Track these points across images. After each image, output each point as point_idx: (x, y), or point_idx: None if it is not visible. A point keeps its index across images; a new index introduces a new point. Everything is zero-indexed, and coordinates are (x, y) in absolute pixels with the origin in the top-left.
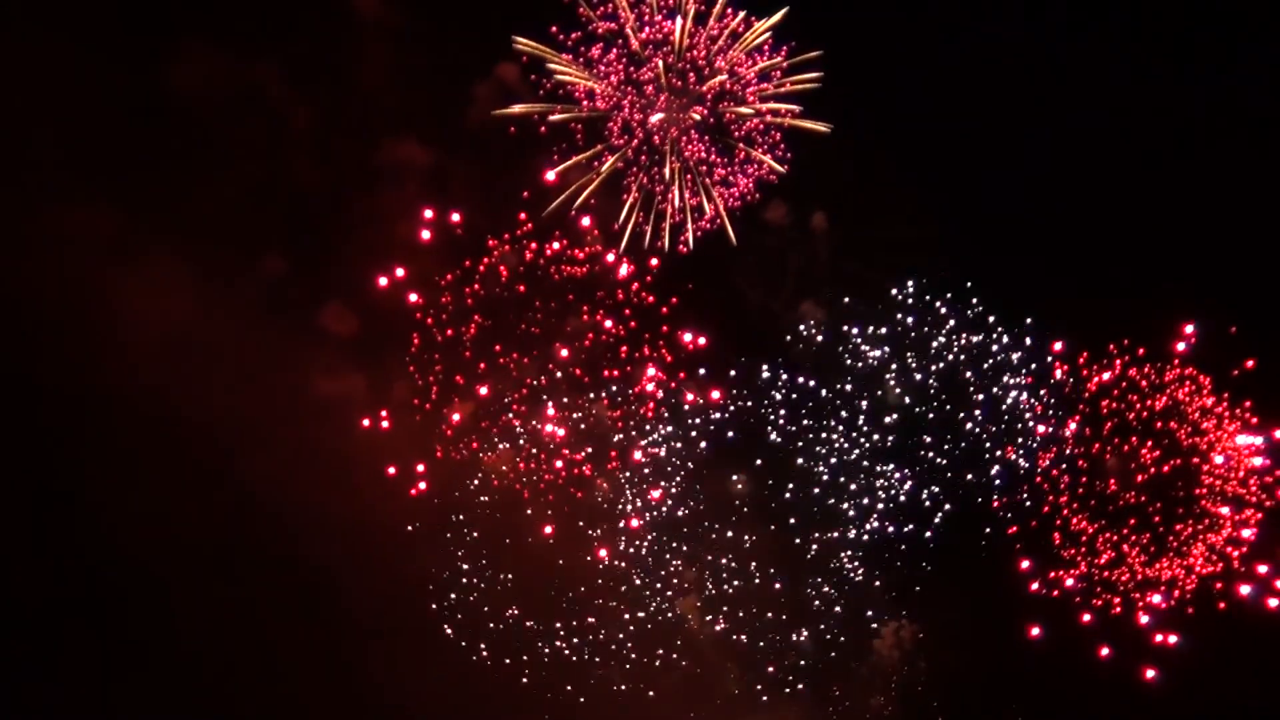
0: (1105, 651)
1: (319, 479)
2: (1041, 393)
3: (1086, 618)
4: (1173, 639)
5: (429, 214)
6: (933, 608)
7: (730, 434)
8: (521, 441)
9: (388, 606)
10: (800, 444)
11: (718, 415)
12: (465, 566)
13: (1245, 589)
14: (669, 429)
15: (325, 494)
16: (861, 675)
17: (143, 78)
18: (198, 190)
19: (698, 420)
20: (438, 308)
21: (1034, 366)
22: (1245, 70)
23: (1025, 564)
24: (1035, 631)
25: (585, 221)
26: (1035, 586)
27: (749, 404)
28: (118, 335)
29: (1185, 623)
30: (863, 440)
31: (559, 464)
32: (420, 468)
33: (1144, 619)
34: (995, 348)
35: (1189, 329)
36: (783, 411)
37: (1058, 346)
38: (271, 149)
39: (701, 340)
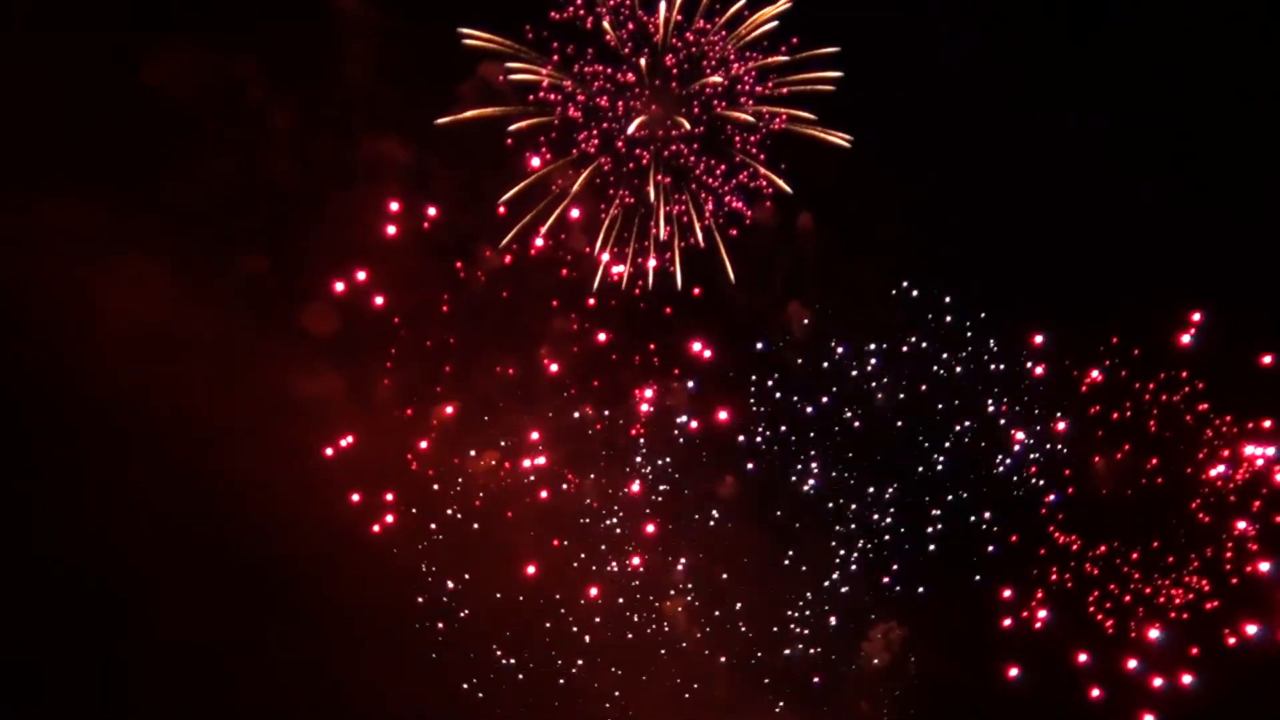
0: (1096, 693)
1: (298, 480)
2: (1036, 411)
3: (1082, 657)
4: (1186, 679)
5: (394, 206)
6: (923, 621)
7: (723, 445)
8: (505, 456)
9: (370, 616)
10: (789, 455)
11: (712, 427)
12: (451, 585)
13: (1252, 628)
14: (661, 443)
15: (304, 495)
16: (849, 688)
17: (121, 74)
18: (176, 187)
19: (690, 434)
20: (416, 313)
21: (1026, 383)
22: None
23: (1007, 593)
24: (1014, 672)
25: (575, 214)
26: (1009, 623)
27: (741, 415)
28: (94, 332)
29: (1189, 662)
30: (850, 453)
31: (544, 494)
32: (389, 497)
33: (1134, 662)
34: (988, 357)
35: (1195, 317)
36: (773, 421)
37: (1038, 340)
38: (251, 146)
39: (708, 353)
